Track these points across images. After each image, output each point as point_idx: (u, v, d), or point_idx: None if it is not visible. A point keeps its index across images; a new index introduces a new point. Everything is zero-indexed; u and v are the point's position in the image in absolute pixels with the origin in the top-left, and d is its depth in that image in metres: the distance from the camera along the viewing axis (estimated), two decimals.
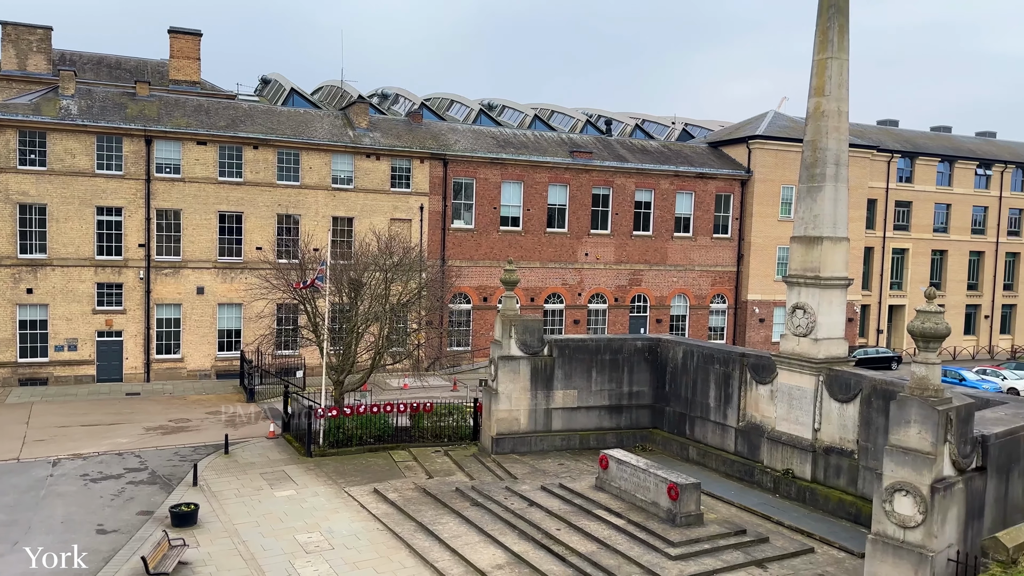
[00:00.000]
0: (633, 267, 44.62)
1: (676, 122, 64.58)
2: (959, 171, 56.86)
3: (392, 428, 25.25)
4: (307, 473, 22.18)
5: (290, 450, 24.49)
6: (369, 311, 26.18)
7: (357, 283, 26.51)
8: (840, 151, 20.36)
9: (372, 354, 26.43)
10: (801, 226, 20.88)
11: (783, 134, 47.21)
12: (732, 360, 23.12)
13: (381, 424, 24.96)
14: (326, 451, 23.87)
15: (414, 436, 25.42)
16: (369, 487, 20.90)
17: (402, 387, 34.82)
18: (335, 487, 21.02)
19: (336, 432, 24.23)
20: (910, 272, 55.32)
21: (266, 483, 21.25)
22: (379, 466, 23.02)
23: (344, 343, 26.32)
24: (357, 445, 24.40)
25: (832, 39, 19.93)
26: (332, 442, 24.14)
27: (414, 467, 23.13)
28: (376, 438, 24.81)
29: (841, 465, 19.33)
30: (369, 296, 26.41)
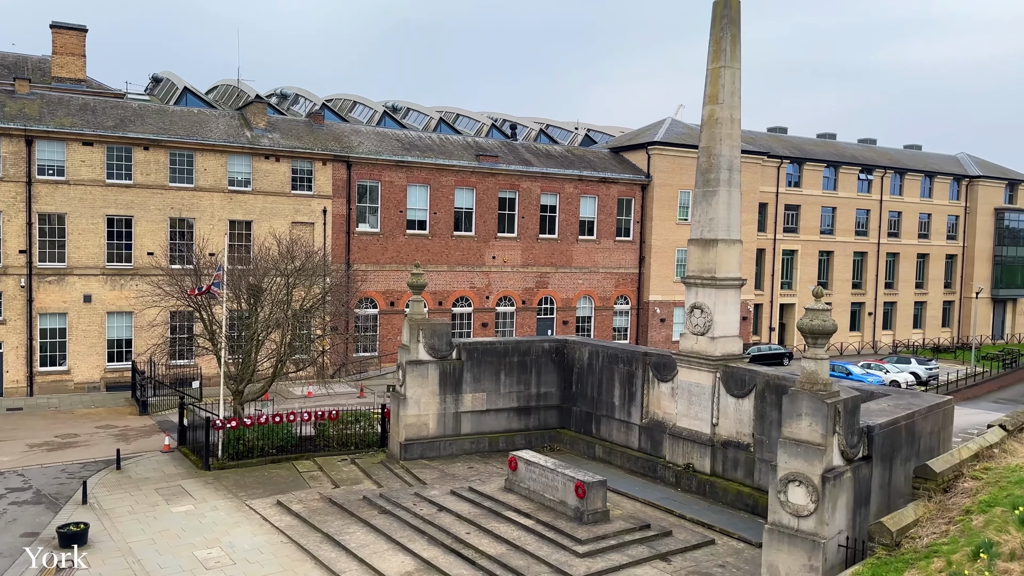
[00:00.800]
0: (540, 269, 45.11)
1: (579, 128, 65.73)
2: (843, 176, 60.23)
3: (296, 438, 24.60)
4: (206, 487, 21.33)
5: (187, 464, 23.50)
6: (270, 317, 25.44)
7: (257, 289, 25.71)
8: (733, 157, 21.19)
9: (274, 362, 25.68)
10: (697, 229, 21.61)
11: (680, 140, 48.81)
12: (635, 359, 23.69)
13: (284, 434, 24.28)
14: (225, 464, 23.03)
15: (319, 445, 24.84)
16: (272, 499, 20.29)
17: (306, 395, 33.99)
18: (236, 500, 20.30)
19: (236, 444, 23.41)
20: (799, 272, 58.17)
21: (162, 499, 20.31)
22: (282, 477, 22.38)
23: (243, 351, 25.47)
24: (259, 456, 23.64)
25: (725, 49, 20.74)
26: (232, 454, 23.32)
27: (319, 477, 22.61)
28: (279, 449, 24.11)
29: (738, 458, 20.11)
30: (270, 302, 25.66)
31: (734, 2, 20.73)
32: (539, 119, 67.16)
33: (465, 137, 48.62)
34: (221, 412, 24.49)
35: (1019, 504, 11.47)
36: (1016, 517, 10.98)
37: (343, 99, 60.95)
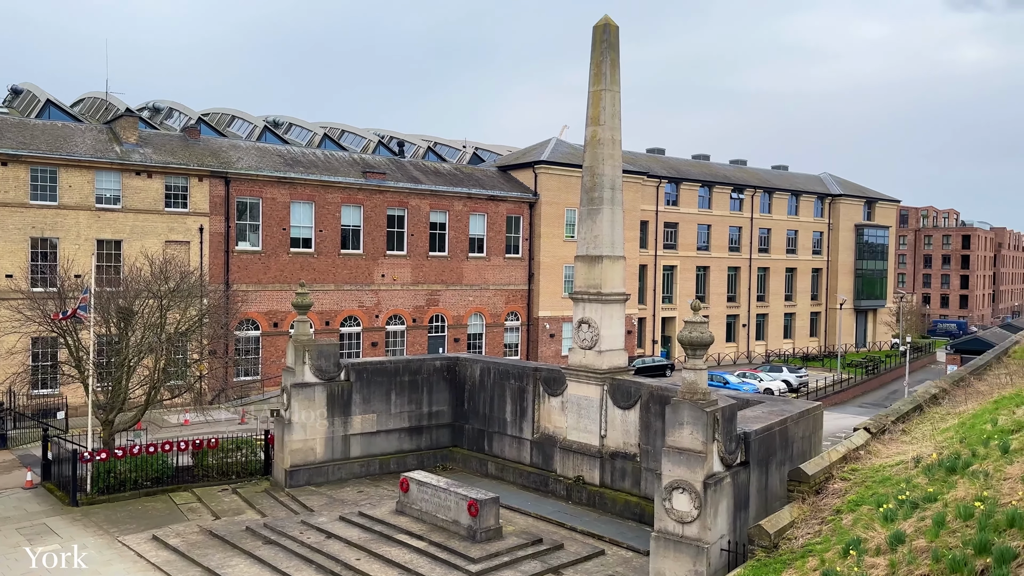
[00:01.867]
0: (430, 287, 44.89)
1: (467, 146, 66.15)
2: (717, 195, 63.28)
3: (172, 468, 23.30)
4: (73, 524, 19.85)
5: (52, 500, 21.81)
6: (142, 342, 24.07)
7: (127, 312, 24.28)
8: (615, 176, 21.85)
9: (147, 389, 24.29)
10: (583, 246, 22.11)
11: (565, 160, 49.94)
12: (526, 375, 23.90)
13: (159, 465, 22.95)
14: (95, 498, 21.53)
15: (198, 475, 23.63)
16: (147, 534, 19.10)
17: (183, 423, 32.32)
18: (107, 537, 18.98)
19: (107, 477, 21.93)
20: (679, 287, 60.55)
21: (24, 538, 18.74)
22: (158, 511, 21.13)
23: (113, 378, 23.95)
24: (132, 490, 22.24)
25: (605, 72, 21.41)
26: (102, 488, 21.82)
27: (199, 509, 21.49)
28: (154, 481, 22.77)
29: (626, 468, 20.60)
30: (142, 326, 24.29)
31: (613, 28, 21.47)
32: (427, 137, 67.14)
33: (351, 154, 47.91)
34: (90, 444, 22.92)
35: (883, 502, 12.27)
36: (881, 514, 11.74)
37: (221, 113, 58.84)
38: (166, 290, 25.13)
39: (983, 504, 10.21)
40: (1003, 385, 21.83)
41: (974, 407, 18.98)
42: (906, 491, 12.28)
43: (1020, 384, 20.55)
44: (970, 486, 11.22)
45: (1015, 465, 11.46)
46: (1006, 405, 17.22)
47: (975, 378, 25.78)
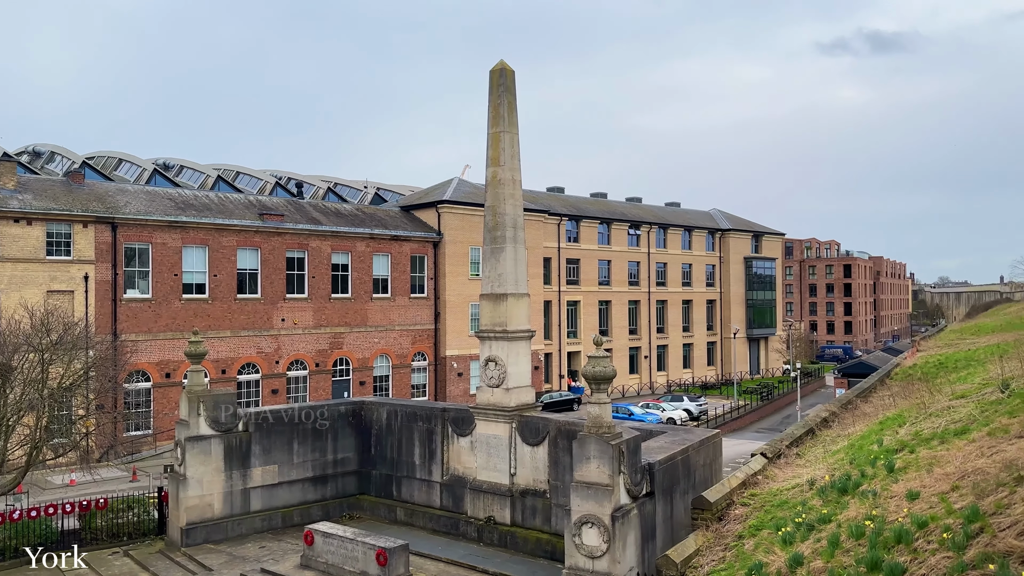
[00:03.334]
0: (334, 330, 44.00)
1: (368, 186, 65.76)
2: (615, 231, 65.12)
3: (57, 533, 21.68)
4: None
5: None
6: (22, 399, 22.49)
7: (5, 368, 22.67)
8: (517, 216, 22.19)
9: (28, 449, 22.64)
10: (488, 285, 22.25)
11: (467, 199, 50.38)
12: (434, 416, 23.65)
13: (42, 530, 21.32)
14: None
15: (86, 539, 22.08)
16: None
17: (69, 484, 30.23)
18: None
19: None
20: (583, 321, 61.64)
21: None
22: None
23: None
24: (12, 558, 20.54)
25: (503, 115, 21.84)
26: None
27: (88, 575, 20.05)
28: (37, 547, 21.12)
29: (536, 506, 20.59)
30: (21, 382, 22.71)
31: (509, 72, 21.98)
32: (327, 177, 66.35)
33: (247, 196, 46.77)
34: None
35: (782, 525, 12.73)
36: (780, 538, 12.16)
37: (107, 156, 56.40)
38: (47, 343, 23.65)
39: (873, 522, 10.74)
40: (887, 406, 23.19)
41: (862, 428, 20.06)
42: (802, 513, 12.78)
43: (902, 405, 21.88)
44: (860, 505, 11.80)
45: (900, 483, 12.14)
46: (890, 425, 18.28)
47: (861, 400, 27.30)
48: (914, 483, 11.80)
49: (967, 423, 14.59)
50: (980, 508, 9.36)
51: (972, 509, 9.37)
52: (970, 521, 9.16)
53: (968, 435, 13.40)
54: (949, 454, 12.67)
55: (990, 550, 8.35)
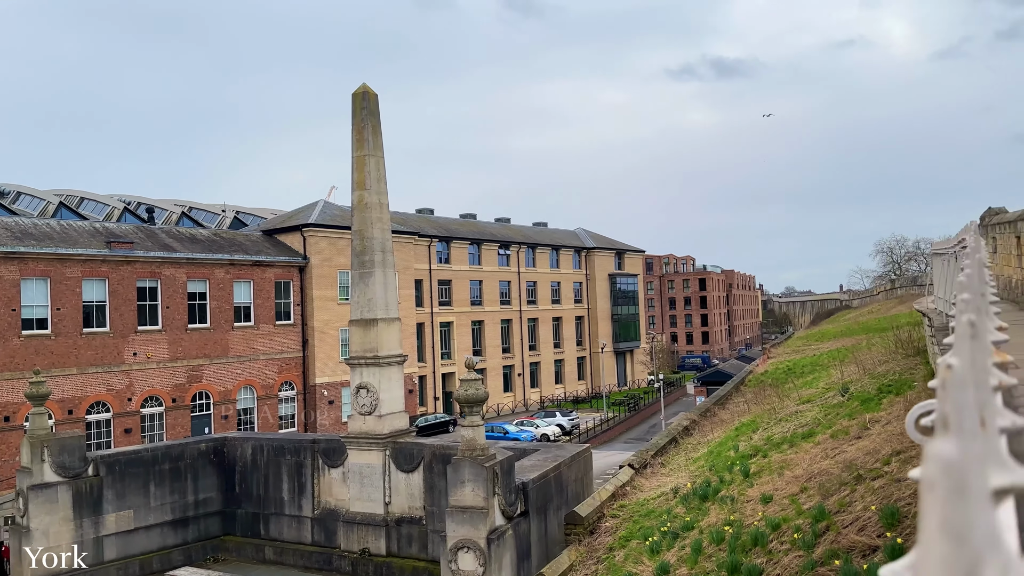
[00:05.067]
0: (192, 362, 41.73)
1: (227, 209, 63.17)
2: (486, 252, 65.75)
3: None
4: None
5: None
6: None
7: None
8: (385, 239, 21.98)
9: None
10: (357, 310, 21.87)
11: (334, 222, 49.36)
12: (303, 448, 22.89)
13: None
14: None
15: None
16: None
17: None
18: None
19: None
20: (456, 342, 61.67)
21: None
22: None
23: None
24: None
25: (368, 138, 21.64)
26: None
27: None
28: None
29: (412, 534, 20.31)
30: None
31: (372, 95, 21.83)
32: (180, 201, 63.20)
33: (93, 223, 43.75)
34: None
35: (649, 535, 13.18)
36: (647, 547, 12.59)
37: None
38: None
39: (731, 527, 11.32)
40: (742, 412, 24.55)
41: (720, 435, 21.14)
42: (668, 522, 13.30)
43: (755, 411, 23.23)
44: (720, 511, 12.41)
45: (755, 487, 12.88)
46: (745, 431, 19.37)
47: (719, 407, 28.76)
48: (767, 487, 12.55)
49: (813, 427, 15.69)
50: (826, 507, 10.07)
51: (819, 509, 10.07)
52: (817, 520, 9.84)
53: (814, 438, 14.41)
54: (798, 457, 13.57)
55: (836, 547, 9.00)
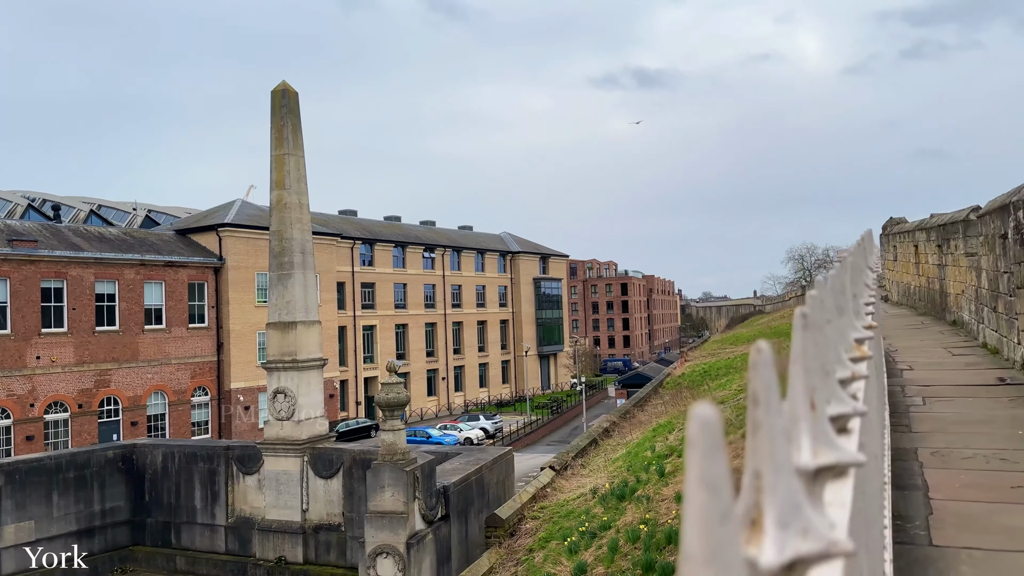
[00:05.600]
0: (99, 367, 39.96)
1: (138, 208, 60.82)
2: (410, 255, 65.30)
3: None
4: None
5: None
6: None
7: None
8: (305, 240, 21.57)
9: None
10: (275, 312, 21.39)
11: (253, 222, 48.13)
12: (217, 455, 22.23)
13: None
14: None
15: None
16: None
17: None
18: None
19: None
20: (379, 346, 60.99)
21: None
22: None
23: None
24: None
25: (287, 137, 21.22)
26: None
27: None
28: None
29: (330, 541, 19.97)
30: None
31: (292, 94, 21.42)
32: (89, 199, 60.52)
33: None
34: None
35: (568, 535, 13.32)
36: (566, 548, 12.73)
37: None
38: None
39: (647, 526, 11.57)
40: (659, 414, 25.11)
41: (638, 436, 21.56)
42: (586, 522, 13.48)
43: (672, 412, 23.79)
44: (636, 510, 12.66)
45: (670, 486, 13.19)
46: (662, 432, 19.82)
47: (638, 409, 29.33)
48: (681, 486, 12.88)
49: (725, 427, 16.17)
50: None
51: None
52: None
53: (727, 438, 14.86)
54: None
55: None
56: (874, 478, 3.13)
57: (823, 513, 0.86)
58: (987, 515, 5.36)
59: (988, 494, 5.84)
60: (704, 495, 0.45)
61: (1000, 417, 8.55)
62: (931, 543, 4.77)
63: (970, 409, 8.99)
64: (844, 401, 1.12)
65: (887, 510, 3.77)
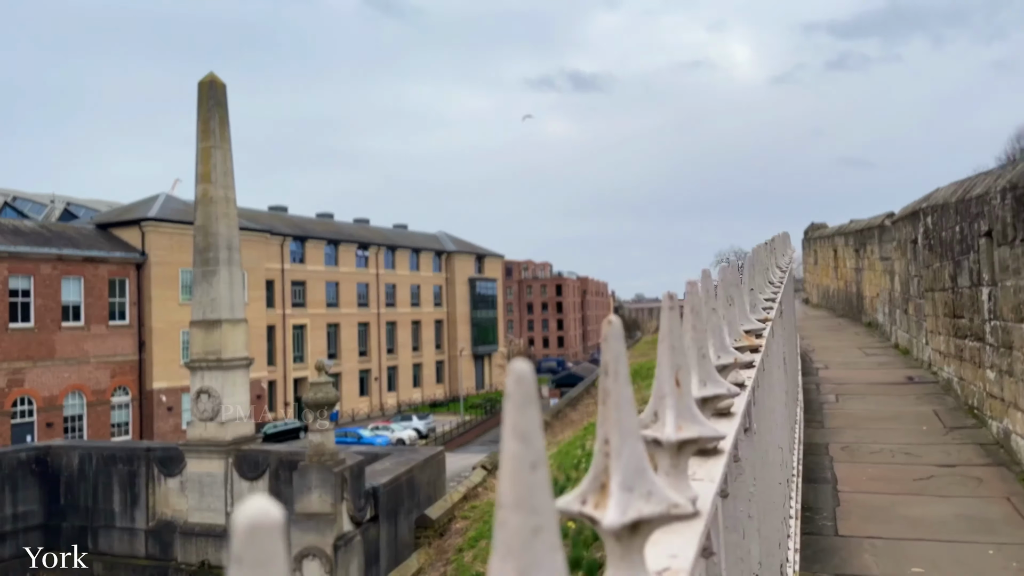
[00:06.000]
0: (12, 365, 38.16)
1: (56, 200, 58.31)
2: (343, 252, 64.39)
3: None
4: None
5: None
6: None
7: None
8: (232, 236, 21.06)
9: None
10: (200, 310, 20.82)
11: (178, 217, 46.71)
12: (137, 457, 21.53)
13: None
14: None
15: None
16: None
17: None
18: None
19: None
20: (310, 345, 59.97)
21: None
22: None
23: None
24: None
25: (214, 129, 20.68)
26: None
27: None
28: None
29: None
30: None
31: (219, 85, 20.89)
32: (3, 190, 57.72)
33: None
34: None
35: None
36: None
37: None
38: None
39: (575, 523, 11.71)
40: (591, 413, 25.46)
41: (570, 435, 21.81)
42: None
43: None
44: None
45: None
46: (592, 431, 20.08)
47: (570, 409, 29.67)
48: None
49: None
50: None
51: None
52: None
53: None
54: None
55: None
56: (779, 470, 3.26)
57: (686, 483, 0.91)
58: (890, 506, 5.62)
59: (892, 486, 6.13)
60: (516, 444, 0.46)
61: (907, 414, 8.98)
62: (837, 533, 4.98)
63: (880, 406, 9.40)
64: (719, 383, 1.17)
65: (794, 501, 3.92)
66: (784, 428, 3.75)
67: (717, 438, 0.93)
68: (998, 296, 7.59)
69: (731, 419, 1.31)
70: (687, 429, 0.91)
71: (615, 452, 0.65)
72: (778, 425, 3.14)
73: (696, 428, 0.91)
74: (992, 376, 7.88)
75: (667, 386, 0.90)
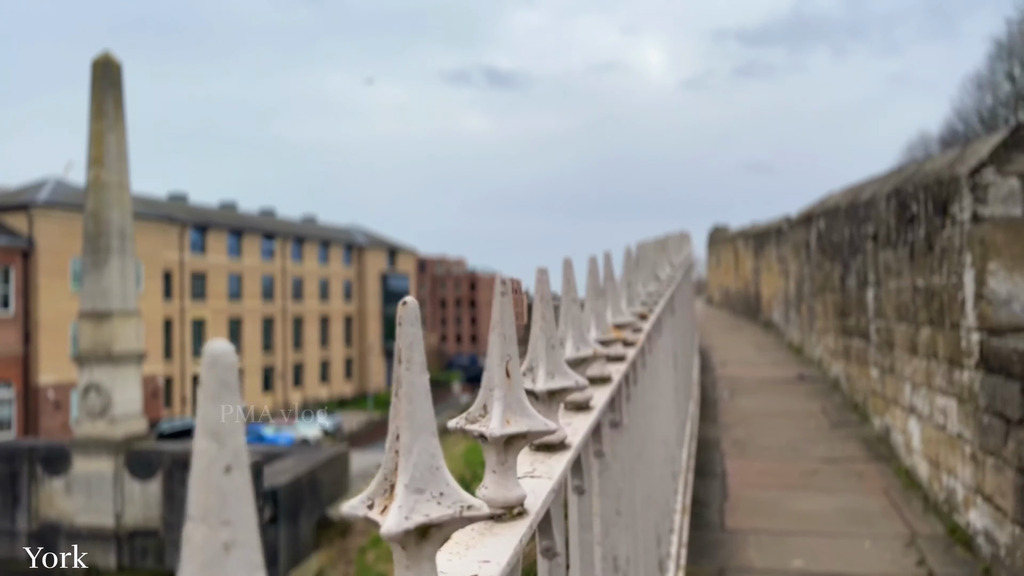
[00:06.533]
0: None
1: None
2: (248, 243, 62.38)
3: None
4: None
5: None
6: None
7: None
8: (125, 223, 20.06)
9: None
10: (89, 301, 19.75)
11: (70, 202, 44.19)
12: (19, 456, 20.27)
13: None
14: None
15: None
16: None
17: None
18: None
19: None
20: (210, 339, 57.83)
21: None
22: None
23: None
24: None
25: (108, 111, 19.64)
26: None
27: None
28: None
29: (148, 547, 18.71)
30: None
31: (115, 65, 19.83)
32: None
33: None
34: None
35: None
36: None
37: None
38: None
39: None
40: None
41: None
42: None
43: None
44: None
45: None
46: None
47: None
48: None
49: None
50: None
51: None
52: None
53: None
54: None
55: None
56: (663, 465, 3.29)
57: (514, 481, 0.85)
58: (777, 500, 5.80)
59: (779, 480, 6.34)
60: (207, 443, 0.39)
61: (796, 410, 9.34)
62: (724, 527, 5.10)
63: (771, 403, 9.75)
64: (568, 376, 1.12)
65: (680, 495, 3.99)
66: (672, 423, 3.79)
67: (549, 432, 0.88)
68: (882, 297, 7.98)
69: (588, 413, 1.28)
70: (516, 423, 0.85)
71: (404, 449, 0.58)
72: (664, 420, 3.16)
73: (526, 422, 0.85)
74: (875, 374, 8.29)
75: (496, 378, 0.84)
